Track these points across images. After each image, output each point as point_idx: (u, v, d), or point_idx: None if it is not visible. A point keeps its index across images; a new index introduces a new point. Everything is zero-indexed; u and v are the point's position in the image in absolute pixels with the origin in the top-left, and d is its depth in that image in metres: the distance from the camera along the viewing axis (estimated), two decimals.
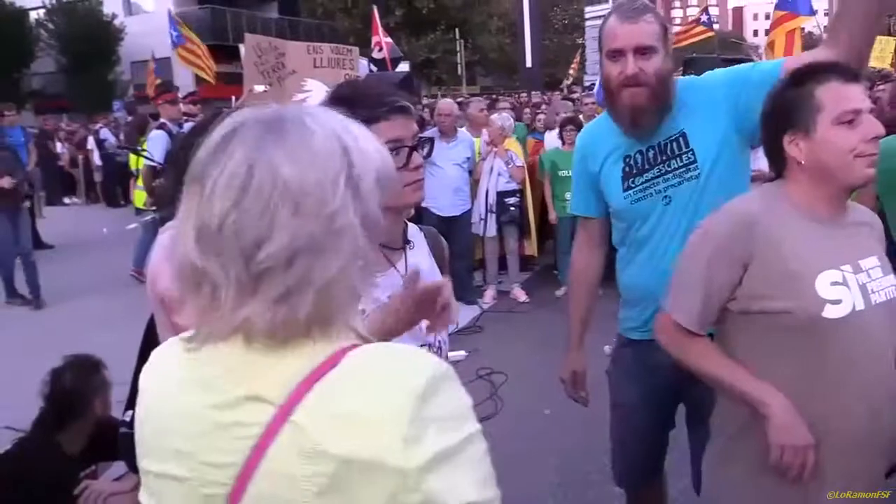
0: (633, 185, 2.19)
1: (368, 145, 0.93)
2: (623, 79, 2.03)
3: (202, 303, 0.88)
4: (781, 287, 1.61)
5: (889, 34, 16.26)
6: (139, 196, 7.79)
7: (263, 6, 35.20)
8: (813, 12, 9.55)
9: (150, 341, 1.98)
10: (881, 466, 1.73)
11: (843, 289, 1.60)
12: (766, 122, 1.72)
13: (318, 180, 0.87)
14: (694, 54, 12.31)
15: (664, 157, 2.13)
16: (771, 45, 9.08)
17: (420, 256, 1.66)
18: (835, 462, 1.63)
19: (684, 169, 2.11)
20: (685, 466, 2.32)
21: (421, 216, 6.06)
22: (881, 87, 9.02)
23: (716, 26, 21.28)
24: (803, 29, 10.34)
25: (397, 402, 0.82)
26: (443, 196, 6.38)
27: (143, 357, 2.04)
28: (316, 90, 8.54)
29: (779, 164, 1.73)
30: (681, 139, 2.11)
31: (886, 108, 5.17)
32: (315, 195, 0.86)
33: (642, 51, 2.00)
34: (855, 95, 1.62)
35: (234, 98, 10.83)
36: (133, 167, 9.87)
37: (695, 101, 2.11)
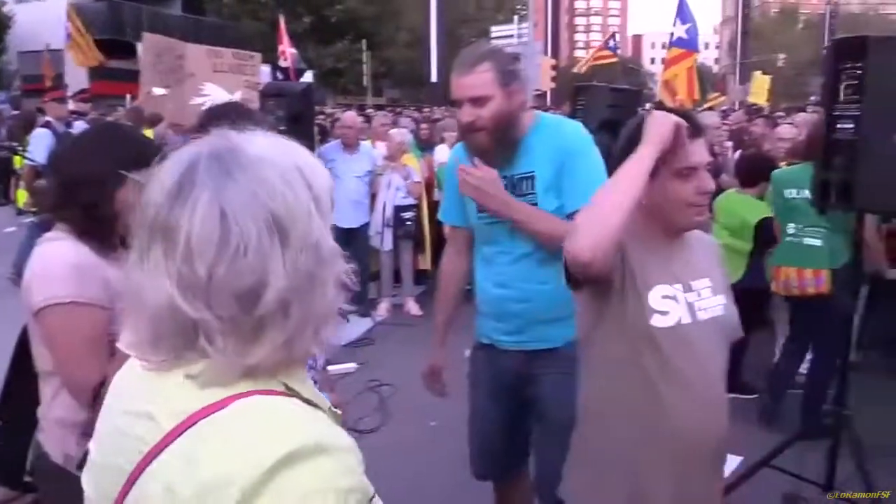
0: (486, 209, 2.40)
1: (312, 161, 0.91)
2: (462, 126, 2.30)
3: (196, 349, 0.85)
4: (623, 293, 1.80)
5: (764, 73, 17.47)
6: (20, 195, 7.45)
7: (166, 2, 34.10)
8: (698, 49, 10.32)
9: (23, 352, 1.95)
10: (711, 469, 1.94)
11: (672, 302, 1.81)
12: (621, 155, 1.85)
13: (294, 205, 0.84)
14: (593, 82, 12.86)
15: (515, 192, 2.34)
16: (667, 83, 9.72)
17: None
18: (667, 463, 1.81)
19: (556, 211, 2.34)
20: None
21: None
22: (756, 120, 9.76)
23: (617, 51, 22.28)
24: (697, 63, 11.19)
25: (245, 464, 0.78)
26: (343, 207, 6.44)
27: (14, 367, 2.01)
28: (215, 95, 8.40)
29: None
30: (530, 180, 2.33)
31: (782, 144, 5.62)
32: (297, 223, 0.84)
33: (475, 101, 2.23)
34: (696, 151, 1.81)
35: (129, 96, 10.51)
36: (18, 165, 9.44)
37: (552, 146, 2.32)
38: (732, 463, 3.53)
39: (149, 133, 7.49)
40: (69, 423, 1.82)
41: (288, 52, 10.54)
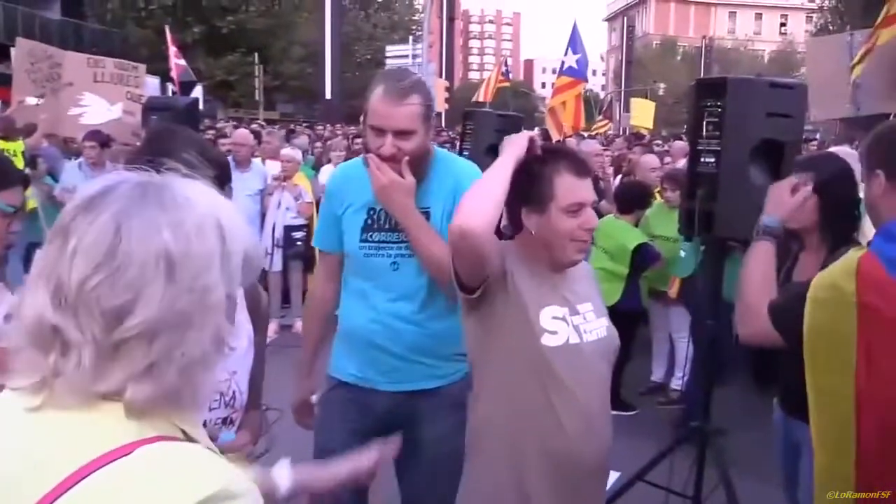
0: (369, 239, 2.31)
1: (237, 223, 0.93)
2: (380, 157, 2.16)
3: (50, 361, 0.83)
4: (514, 313, 1.89)
5: (646, 97, 18.42)
6: None
7: (43, 4, 32.30)
8: (587, 79, 10.83)
9: None
10: (597, 484, 2.04)
11: (561, 323, 1.92)
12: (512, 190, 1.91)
13: (196, 251, 0.85)
14: (485, 106, 13.19)
15: (396, 224, 2.26)
16: (552, 110, 10.10)
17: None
18: (556, 479, 1.89)
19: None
20: None
21: None
22: (634, 148, 10.28)
23: (510, 75, 22.93)
24: (585, 91, 11.72)
25: None
26: None
27: None
28: (94, 105, 8.08)
29: (516, 225, 2.01)
30: (425, 216, 2.25)
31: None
32: (192, 267, 0.85)
33: (402, 133, 2.14)
34: (583, 189, 1.93)
35: (15, 100, 9.91)
36: None
37: (447, 183, 2.28)
38: (611, 478, 3.68)
39: (18, 145, 7.07)
40: None
41: (175, 63, 10.21)
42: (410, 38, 29.01)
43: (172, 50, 10.37)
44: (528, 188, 1.93)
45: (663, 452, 3.39)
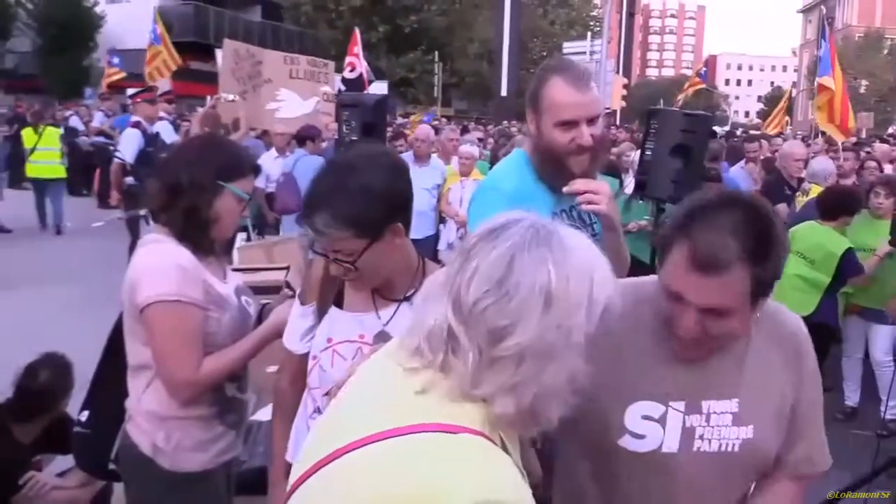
0: None
1: (607, 275, 1.04)
2: (575, 147, 2.03)
3: (439, 358, 1.00)
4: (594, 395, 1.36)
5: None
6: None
7: (247, 8, 35.18)
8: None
9: (115, 346, 2.07)
10: None
11: (652, 425, 1.42)
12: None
13: (571, 293, 0.97)
14: (659, 105, 12.71)
15: (581, 221, 2.19)
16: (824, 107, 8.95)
17: None
18: None
19: (593, 239, 2.21)
20: None
21: None
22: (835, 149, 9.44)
23: (688, 71, 21.97)
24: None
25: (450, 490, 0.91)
26: None
27: (105, 361, 2.14)
28: (289, 100, 8.68)
29: None
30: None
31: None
32: (565, 306, 0.97)
33: (592, 120, 2.06)
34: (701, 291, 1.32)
35: (209, 97, 10.89)
36: (28, 145, 10.31)
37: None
38: None
39: (52, 133, 7.70)
40: (160, 416, 1.94)
41: (360, 63, 10.66)
42: (588, 34, 28.57)
43: (356, 49, 10.76)
44: None
45: (858, 482, 3.13)
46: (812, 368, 1.49)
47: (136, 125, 7.24)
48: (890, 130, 20.43)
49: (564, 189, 2.05)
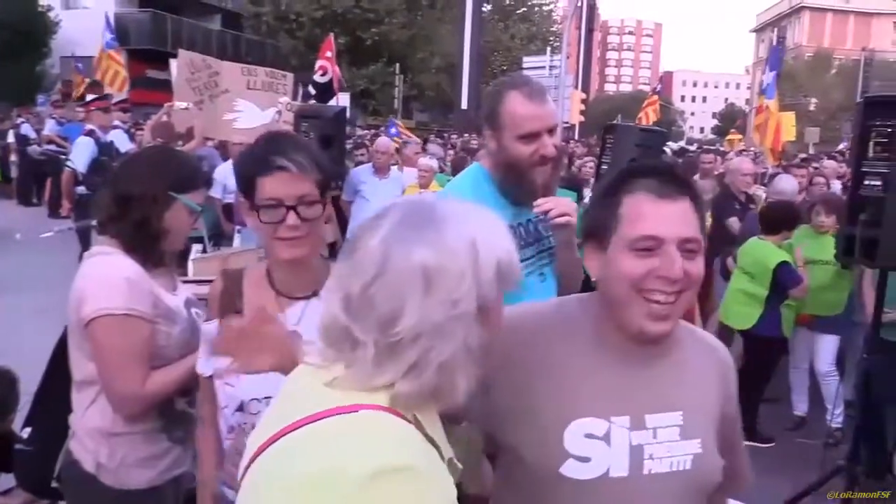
0: (523, 258, 2.21)
1: (495, 237, 1.04)
2: (539, 158, 2.07)
3: (344, 353, 1.02)
4: (523, 421, 1.31)
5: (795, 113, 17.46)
6: None
7: (206, 17, 34.81)
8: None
9: (59, 360, 2.02)
10: None
11: (597, 445, 1.28)
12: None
13: (449, 268, 0.98)
14: (617, 119, 12.91)
15: (537, 235, 2.23)
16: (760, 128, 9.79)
17: None
18: None
19: (547, 253, 2.25)
20: None
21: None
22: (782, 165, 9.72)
23: (646, 87, 22.38)
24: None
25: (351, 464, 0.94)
26: None
27: (49, 376, 2.09)
28: (247, 111, 8.61)
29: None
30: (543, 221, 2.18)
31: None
32: (445, 282, 0.98)
33: (552, 131, 2.11)
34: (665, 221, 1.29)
35: (166, 105, 10.74)
36: None
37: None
38: None
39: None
40: (104, 432, 1.89)
41: (332, 69, 10.56)
42: (548, 48, 28.92)
43: (328, 54, 10.65)
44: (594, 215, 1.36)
45: (805, 490, 3.21)
46: (736, 383, 1.48)
47: (90, 133, 7.11)
48: (839, 147, 21.12)
49: (535, 209, 2.09)
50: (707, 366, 1.41)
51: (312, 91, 9.95)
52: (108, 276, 1.86)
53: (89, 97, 8.45)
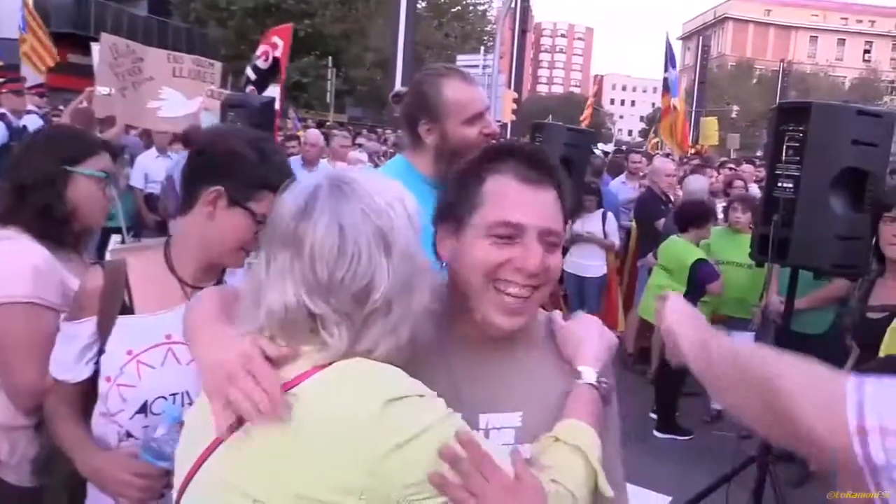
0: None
1: (408, 193, 1.13)
2: (484, 137, 2.10)
3: (316, 339, 1.04)
4: None
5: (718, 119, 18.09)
6: None
7: (132, 2, 33.61)
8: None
9: None
10: None
11: None
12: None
13: (397, 225, 1.05)
14: (548, 120, 13.18)
15: None
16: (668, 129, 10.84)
17: None
18: None
19: None
20: None
21: None
22: (700, 166, 10.06)
23: (577, 89, 22.81)
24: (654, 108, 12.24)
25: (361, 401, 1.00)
26: None
27: None
28: (172, 99, 8.35)
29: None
30: None
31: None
32: (399, 239, 1.04)
33: (487, 109, 2.23)
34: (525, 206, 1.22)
35: (86, 90, 10.30)
36: None
37: None
38: (661, 502, 3.61)
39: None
40: (3, 426, 1.79)
41: (273, 52, 10.15)
42: (482, 48, 29.10)
43: (277, 40, 10.14)
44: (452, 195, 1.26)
45: (720, 480, 3.32)
46: None
47: (1, 118, 6.76)
48: (759, 153, 22.05)
49: None
50: (554, 362, 1.29)
51: (253, 76, 9.55)
52: (12, 263, 1.77)
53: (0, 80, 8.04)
